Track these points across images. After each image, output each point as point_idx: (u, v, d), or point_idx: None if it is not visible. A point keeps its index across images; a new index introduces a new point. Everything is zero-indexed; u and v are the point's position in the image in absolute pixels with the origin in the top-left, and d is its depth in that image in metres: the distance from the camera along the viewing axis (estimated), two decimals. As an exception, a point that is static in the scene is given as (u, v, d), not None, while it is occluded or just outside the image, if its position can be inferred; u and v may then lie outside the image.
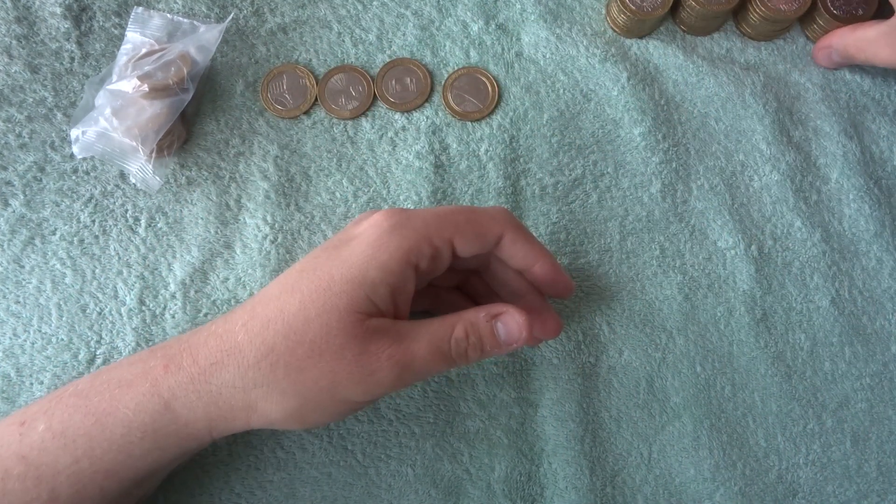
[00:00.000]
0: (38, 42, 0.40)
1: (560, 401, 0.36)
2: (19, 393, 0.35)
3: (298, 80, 0.40)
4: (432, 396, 0.36)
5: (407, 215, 0.29)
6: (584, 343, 0.37)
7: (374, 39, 0.41)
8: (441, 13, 0.42)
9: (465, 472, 0.35)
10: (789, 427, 0.37)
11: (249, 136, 0.40)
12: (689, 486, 0.36)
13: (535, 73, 0.41)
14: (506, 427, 0.36)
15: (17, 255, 0.37)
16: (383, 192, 0.39)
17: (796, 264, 0.39)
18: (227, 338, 0.28)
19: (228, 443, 0.35)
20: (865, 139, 0.41)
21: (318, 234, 0.38)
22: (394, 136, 0.40)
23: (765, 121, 0.41)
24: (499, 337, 0.30)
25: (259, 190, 0.39)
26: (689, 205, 0.40)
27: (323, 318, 0.27)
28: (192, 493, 0.34)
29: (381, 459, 0.35)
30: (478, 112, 0.40)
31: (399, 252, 0.28)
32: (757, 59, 0.42)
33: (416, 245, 0.29)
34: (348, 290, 0.27)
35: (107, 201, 0.38)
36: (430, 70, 0.41)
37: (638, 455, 0.36)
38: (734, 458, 0.36)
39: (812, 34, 0.42)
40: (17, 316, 0.36)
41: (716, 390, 0.37)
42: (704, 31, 0.42)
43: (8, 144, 0.38)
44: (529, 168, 0.40)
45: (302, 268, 0.29)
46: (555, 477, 0.35)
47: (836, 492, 0.36)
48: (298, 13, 0.42)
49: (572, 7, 0.42)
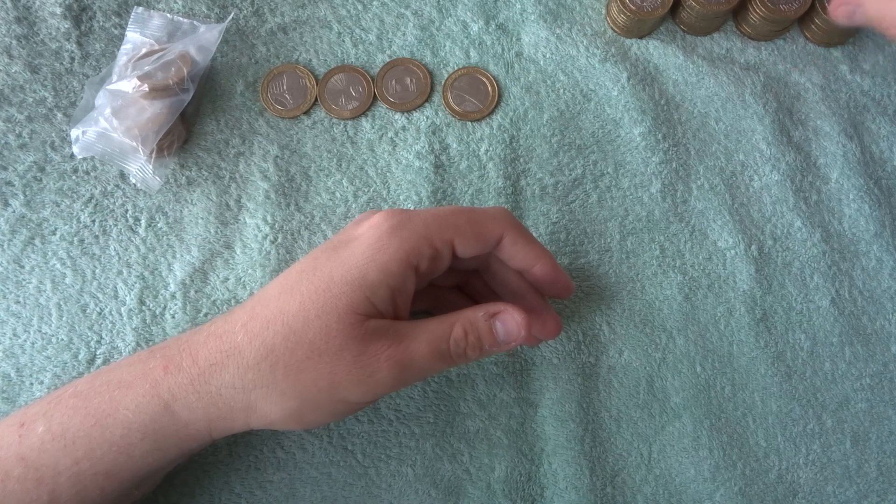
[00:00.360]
0: (38, 42, 0.40)
1: (560, 401, 0.36)
2: (19, 393, 0.35)
3: (298, 80, 0.40)
4: (432, 396, 0.36)
5: (407, 216, 0.29)
6: (584, 343, 0.37)
7: (374, 39, 0.41)
8: (441, 13, 0.42)
9: (465, 473, 0.35)
10: (789, 427, 0.37)
11: (249, 136, 0.40)
12: (689, 486, 0.36)
13: (535, 73, 0.41)
14: (506, 427, 0.36)
15: (17, 255, 0.37)
16: (383, 192, 0.39)
17: (796, 264, 0.39)
18: (227, 338, 0.28)
19: (228, 443, 0.35)
20: (865, 139, 0.41)
21: (318, 234, 0.38)
22: (394, 136, 0.40)
23: (765, 121, 0.41)
24: (497, 335, 0.30)
25: (259, 190, 0.39)
26: (689, 205, 0.40)
27: (322, 319, 0.27)
28: (192, 494, 0.34)
29: (381, 459, 0.35)
30: (478, 112, 0.40)
31: (399, 254, 0.28)
32: (757, 59, 0.43)
33: (416, 246, 0.29)
34: (348, 292, 0.27)
35: (107, 201, 0.38)
36: (430, 70, 0.41)
37: (638, 455, 0.36)
38: (734, 458, 0.36)
39: (811, 34, 0.42)
40: (17, 316, 0.36)
41: (716, 390, 0.37)
42: (704, 31, 0.42)
43: (8, 144, 0.38)
44: (529, 168, 0.40)
45: (301, 268, 0.29)
46: (555, 477, 0.35)
47: (836, 492, 0.36)
48: (298, 13, 0.42)
49: (572, 7, 0.42)
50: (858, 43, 0.43)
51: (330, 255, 0.29)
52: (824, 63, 0.43)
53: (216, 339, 0.28)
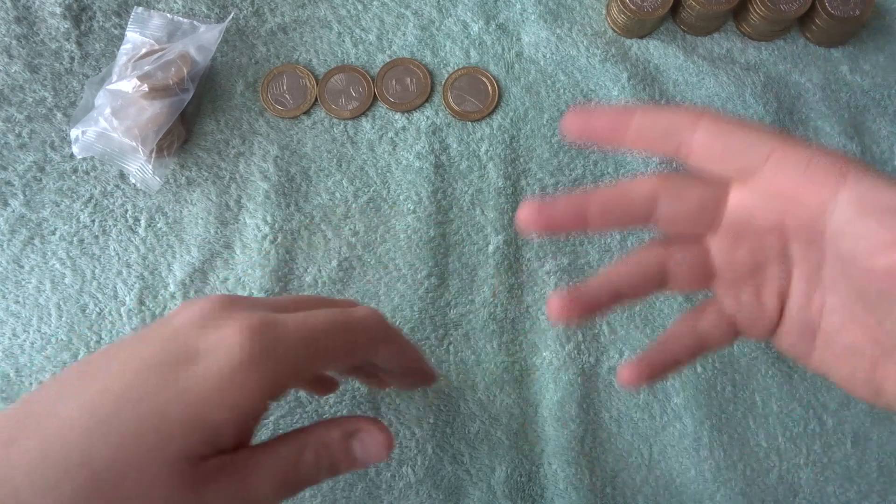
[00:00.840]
0: (38, 42, 0.40)
1: (560, 402, 0.36)
2: (19, 393, 0.35)
3: (298, 80, 0.40)
4: (433, 398, 0.36)
5: (272, 341, 0.23)
6: (584, 344, 0.37)
7: (374, 39, 0.41)
8: (441, 13, 0.42)
9: (465, 473, 0.35)
10: (790, 427, 0.37)
11: (249, 136, 0.40)
12: (690, 486, 0.36)
13: (536, 74, 0.41)
14: (506, 428, 0.36)
15: (16, 255, 0.37)
16: (383, 192, 0.39)
17: (797, 264, 0.39)
18: (4, 472, 0.20)
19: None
20: (866, 139, 0.41)
21: (317, 234, 0.38)
22: (394, 136, 0.40)
23: (765, 121, 0.41)
24: (355, 456, 0.26)
25: (259, 190, 0.39)
26: (690, 205, 0.40)
27: (145, 470, 0.21)
28: (191, 494, 0.34)
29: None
30: (478, 112, 0.40)
31: (256, 393, 0.23)
32: (757, 59, 0.42)
33: (279, 382, 0.23)
34: (184, 434, 0.21)
35: (107, 201, 0.38)
36: (430, 70, 0.41)
37: (638, 455, 0.36)
38: (735, 459, 0.36)
39: (811, 34, 0.42)
40: (17, 316, 0.36)
41: (717, 391, 0.37)
42: (705, 31, 0.42)
43: (8, 144, 0.38)
44: (530, 168, 0.40)
45: (121, 391, 0.22)
46: (555, 478, 0.35)
47: (836, 492, 0.36)
48: (298, 13, 0.42)
49: (572, 7, 0.42)
50: (859, 43, 0.43)
51: (165, 380, 0.22)
52: (824, 63, 0.42)
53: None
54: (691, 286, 0.29)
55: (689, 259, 0.28)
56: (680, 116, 0.25)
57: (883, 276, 0.22)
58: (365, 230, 0.38)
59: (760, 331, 0.29)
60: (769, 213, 0.26)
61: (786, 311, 0.28)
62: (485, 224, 0.39)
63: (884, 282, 0.22)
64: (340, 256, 0.38)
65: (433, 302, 0.37)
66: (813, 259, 0.26)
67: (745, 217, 0.27)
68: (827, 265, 0.26)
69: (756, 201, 0.26)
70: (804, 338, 0.28)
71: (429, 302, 0.37)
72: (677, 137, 0.26)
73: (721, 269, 0.28)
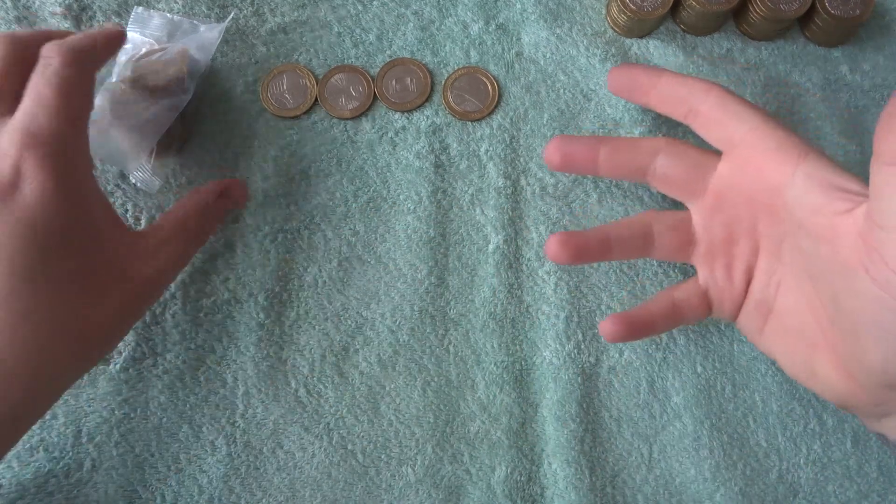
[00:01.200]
0: (38, 42, 0.40)
1: (560, 401, 0.36)
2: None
3: (298, 80, 0.40)
4: (432, 397, 0.36)
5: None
6: (584, 343, 0.37)
7: (374, 39, 0.41)
8: (441, 13, 0.42)
9: (465, 473, 0.35)
10: (790, 427, 0.37)
11: (249, 136, 0.40)
12: (690, 486, 0.36)
13: (536, 73, 0.41)
14: (506, 428, 0.36)
15: (16, 255, 0.37)
16: (383, 191, 0.39)
17: (797, 264, 0.39)
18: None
19: (228, 443, 0.35)
20: (865, 139, 0.41)
21: (317, 233, 0.38)
22: (394, 136, 0.40)
23: (765, 121, 0.41)
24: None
25: (259, 190, 0.39)
26: (690, 205, 0.40)
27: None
28: (191, 494, 0.34)
29: (382, 460, 0.35)
30: (478, 112, 0.40)
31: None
32: (757, 59, 0.43)
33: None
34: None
35: (106, 201, 0.38)
36: (430, 70, 0.41)
37: (638, 455, 0.36)
38: (735, 458, 0.36)
39: (811, 34, 0.42)
40: (17, 316, 0.36)
41: (716, 390, 0.37)
42: (705, 31, 0.42)
43: (7, 144, 0.38)
44: (530, 167, 0.40)
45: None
46: (555, 477, 0.35)
47: (836, 492, 0.36)
48: (298, 13, 0.42)
49: (572, 7, 0.42)
50: (858, 43, 0.43)
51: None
52: (824, 63, 0.43)
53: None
54: (672, 254, 0.34)
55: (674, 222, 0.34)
56: (697, 85, 0.32)
57: (824, 238, 0.26)
58: (365, 230, 0.38)
59: (728, 307, 0.33)
60: (743, 184, 0.31)
61: (749, 289, 0.32)
62: (484, 223, 0.39)
63: (825, 245, 0.26)
64: (340, 256, 0.38)
65: (433, 301, 0.37)
66: (775, 235, 0.30)
67: (725, 187, 0.32)
68: (787, 240, 0.30)
69: (734, 172, 0.31)
70: (759, 316, 0.32)
71: (428, 301, 0.37)
72: (689, 103, 0.32)
73: (699, 239, 0.33)
